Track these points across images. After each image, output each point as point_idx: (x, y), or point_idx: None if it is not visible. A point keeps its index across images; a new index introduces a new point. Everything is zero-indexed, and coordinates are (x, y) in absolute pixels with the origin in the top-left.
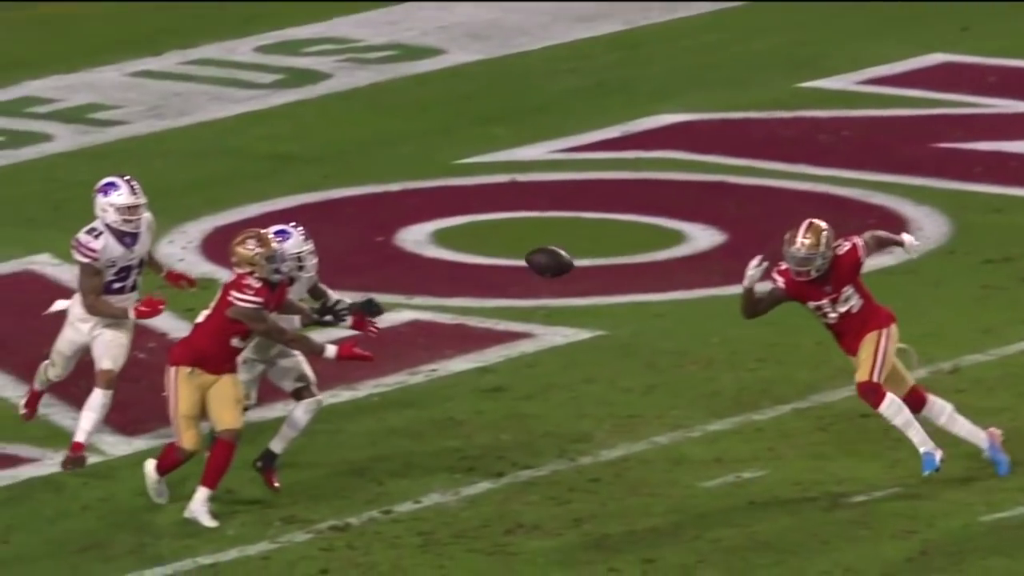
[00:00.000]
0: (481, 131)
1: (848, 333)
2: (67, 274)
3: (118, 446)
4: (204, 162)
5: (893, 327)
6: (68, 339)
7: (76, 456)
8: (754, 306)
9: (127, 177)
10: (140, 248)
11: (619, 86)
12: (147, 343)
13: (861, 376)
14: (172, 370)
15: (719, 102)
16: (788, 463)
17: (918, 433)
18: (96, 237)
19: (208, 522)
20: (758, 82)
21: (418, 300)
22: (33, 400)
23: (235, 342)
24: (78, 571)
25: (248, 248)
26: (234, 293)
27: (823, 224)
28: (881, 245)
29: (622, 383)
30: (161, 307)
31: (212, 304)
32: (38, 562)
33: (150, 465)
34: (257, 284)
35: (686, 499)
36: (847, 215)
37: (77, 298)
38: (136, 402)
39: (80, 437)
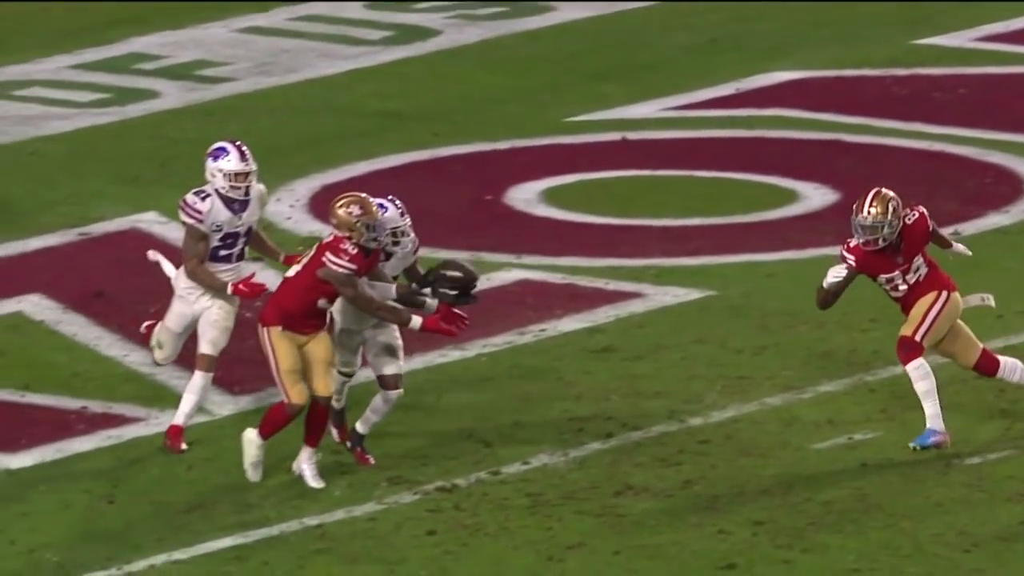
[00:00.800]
0: (591, 88)
1: (910, 296)
2: (174, 232)
3: (224, 405)
4: (312, 119)
5: (954, 294)
6: (178, 313)
7: (173, 445)
8: (832, 299)
9: (238, 143)
10: (248, 216)
11: (732, 43)
12: (254, 303)
13: (905, 330)
14: (265, 331)
15: (833, 59)
16: (901, 425)
17: (934, 406)
18: (203, 199)
19: (314, 483)
20: (873, 39)
21: (527, 259)
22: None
23: (321, 303)
24: (182, 532)
25: (350, 212)
26: (328, 255)
27: (890, 193)
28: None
29: (733, 344)
30: (262, 291)
31: (304, 261)
32: (143, 523)
33: (251, 433)
34: (353, 250)
35: (797, 461)
36: (962, 173)
37: (183, 271)
38: (242, 361)
39: (179, 420)
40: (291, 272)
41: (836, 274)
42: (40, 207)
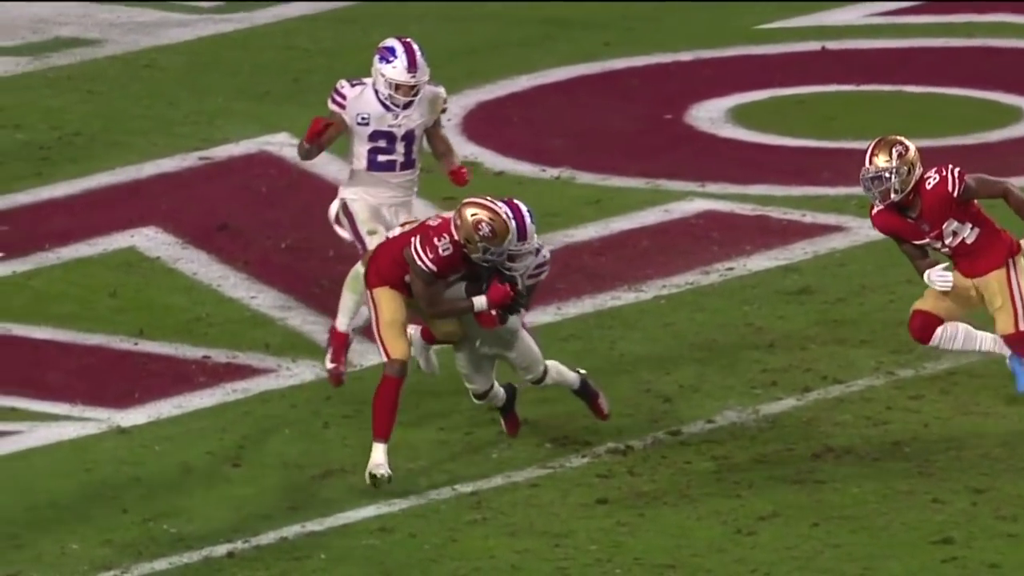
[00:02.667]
0: None
1: (964, 258)
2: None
3: (367, 355)
4: (465, 27)
5: (1020, 259)
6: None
7: (334, 371)
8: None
9: (410, 44)
10: (408, 119)
11: None
12: None
13: (1005, 328)
14: (368, 292)
15: None
16: None
17: None
18: (354, 85)
19: (381, 471)
20: None
21: (712, 187)
22: (339, 348)
23: (407, 278)
24: (316, 500)
25: (478, 226)
26: (418, 242)
27: (897, 139)
28: (992, 195)
29: None
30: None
31: (406, 227)
32: (272, 489)
33: (414, 334)
34: (446, 252)
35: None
36: None
37: (346, 192)
38: None
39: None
40: (393, 233)
41: (934, 280)
42: (156, 128)
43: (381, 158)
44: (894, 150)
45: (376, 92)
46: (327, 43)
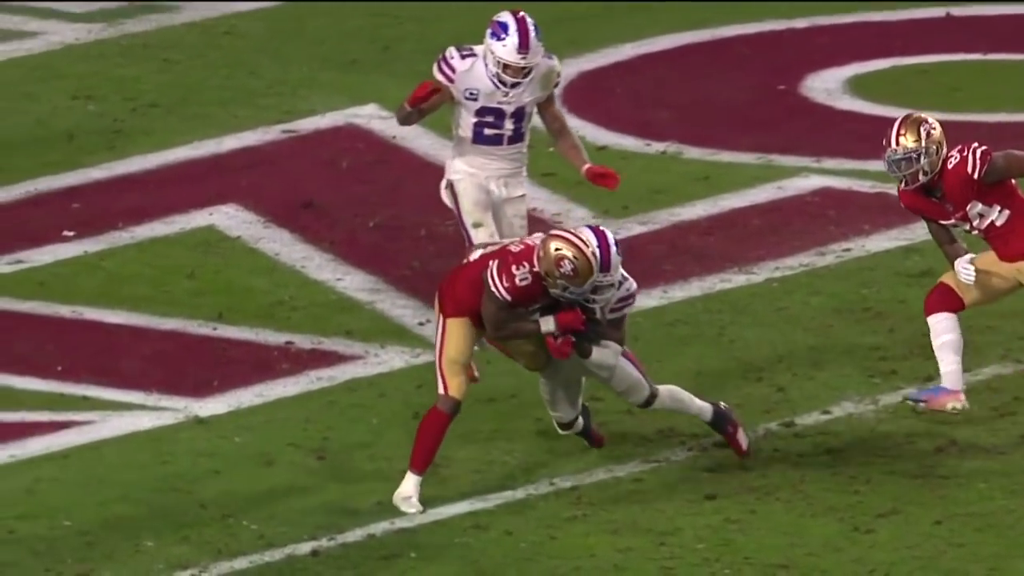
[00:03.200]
0: None
1: (997, 240)
2: (397, 129)
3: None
4: None
5: None
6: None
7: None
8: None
9: (526, 22)
10: (519, 96)
11: None
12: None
13: None
14: (439, 317)
15: None
16: None
17: None
18: (464, 57)
19: (410, 508)
20: None
21: (828, 163)
22: None
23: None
24: None
25: (560, 261)
26: (495, 268)
27: (924, 117)
28: None
29: None
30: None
31: (485, 250)
32: (360, 484)
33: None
34: (523, 282)
35: None
36: None
37: (453, 170)
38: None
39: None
40: (473, 256)
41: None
42: (237, 99)
43: (488, 132)
44: (922, 129)
45: (486, 66)
46: (418, 10)
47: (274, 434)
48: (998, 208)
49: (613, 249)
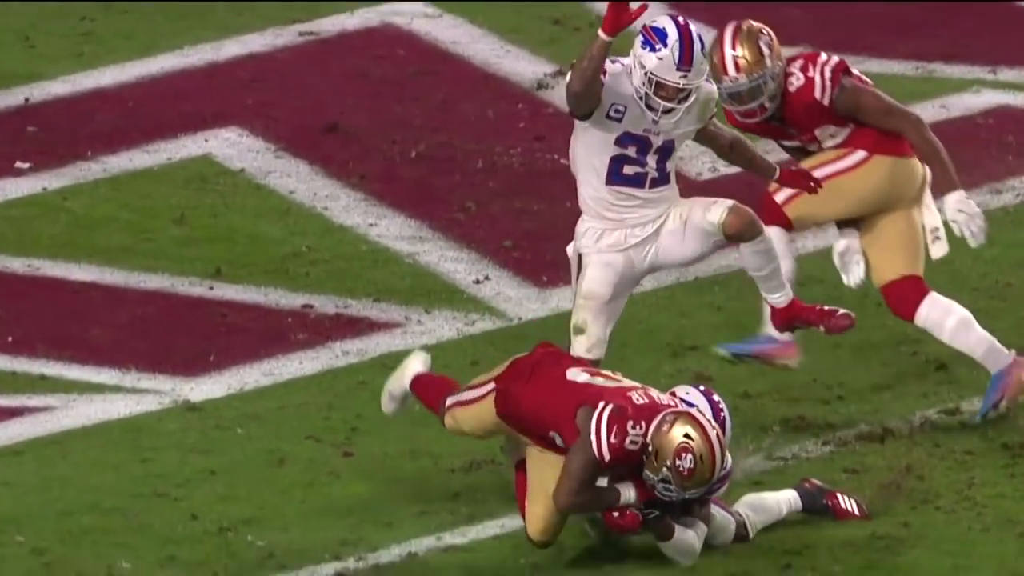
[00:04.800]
0: None
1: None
2: (448, 31)
3: (523, 304)
4: None
5: (890, 162)
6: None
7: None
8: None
9: (690, 32)
10: (672, 125)
11: None
12: None
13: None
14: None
15: None
16: None
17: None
18: (612, 62)
19: None
20: None
21: (1006, 74)
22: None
23: (555, 437)
24: (459, 502)
25: (683, 449)
26: (606, 417)
27: (758, 26)
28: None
29: None
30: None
31: (591, 376)
32: (397, 488)
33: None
34: (632, 446)
35: None
36: None
37: (583, 229)
38: (552, 239)
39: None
40: (581, 377)
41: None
42: None
43: (627, 170)
44: (761, 43)
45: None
46: None
47: (288, 424)
48: (852, 126)
49: (727, 425)
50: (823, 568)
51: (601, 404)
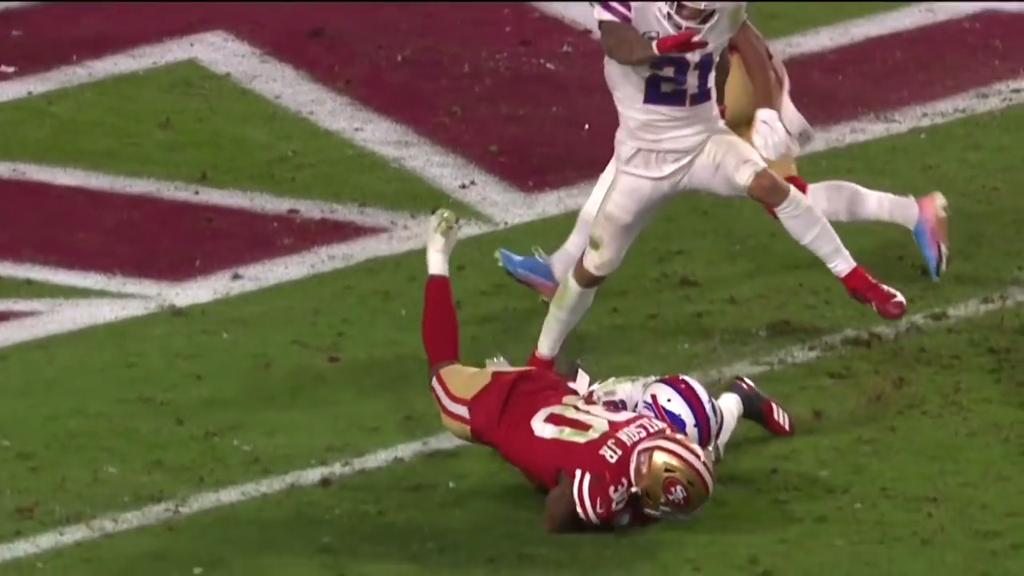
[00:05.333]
0: None
1: None
2: None
3: (509, 208)
4: None
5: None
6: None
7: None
8: None
9: None
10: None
11: None
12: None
13: None
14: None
15: None
16: None
17: None
18: None
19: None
20: None
21: None
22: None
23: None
24: None
25: (671, 482)
26: (587, 487)
27: None
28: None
29: None
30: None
31: (562, 433)
32: (384, 390)
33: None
34: (619, 505)
35: None
36: None
37: (624, 141)
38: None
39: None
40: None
41: None
42: None
43: (665, 87)
44: None
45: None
46: None
47: (273, 329)
48: None
49: (712, 420)
50: (809, 473)
51: (578, 475)
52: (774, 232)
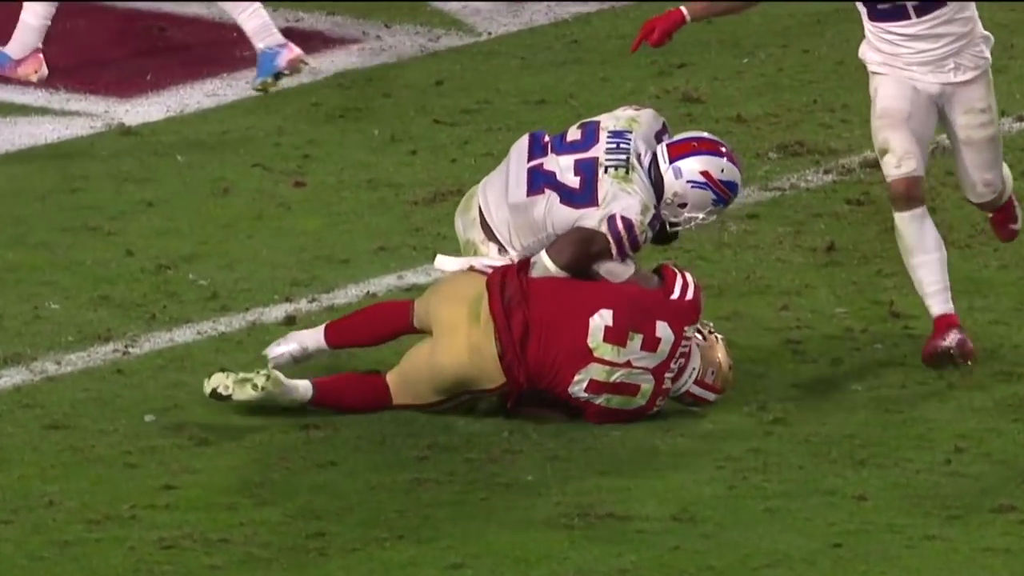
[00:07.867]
0: None
1: None
2: None
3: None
4: None
5: None
6: None
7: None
8: None
9: None
10: None
11: None
12: None
13: None
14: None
15: None
16: None
17: None
18: None
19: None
20: None
21: None
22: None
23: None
24: (437, 224)
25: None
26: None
27: None
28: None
29: None
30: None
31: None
32: (356, 217)
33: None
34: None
35: None
36: None
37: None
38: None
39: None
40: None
41: None
42: None
43: (883, 5)
44: None
45: None
46: None
47: (232, 151)
48: None
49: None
50: (823, 310)
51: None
52: (786, 44)
